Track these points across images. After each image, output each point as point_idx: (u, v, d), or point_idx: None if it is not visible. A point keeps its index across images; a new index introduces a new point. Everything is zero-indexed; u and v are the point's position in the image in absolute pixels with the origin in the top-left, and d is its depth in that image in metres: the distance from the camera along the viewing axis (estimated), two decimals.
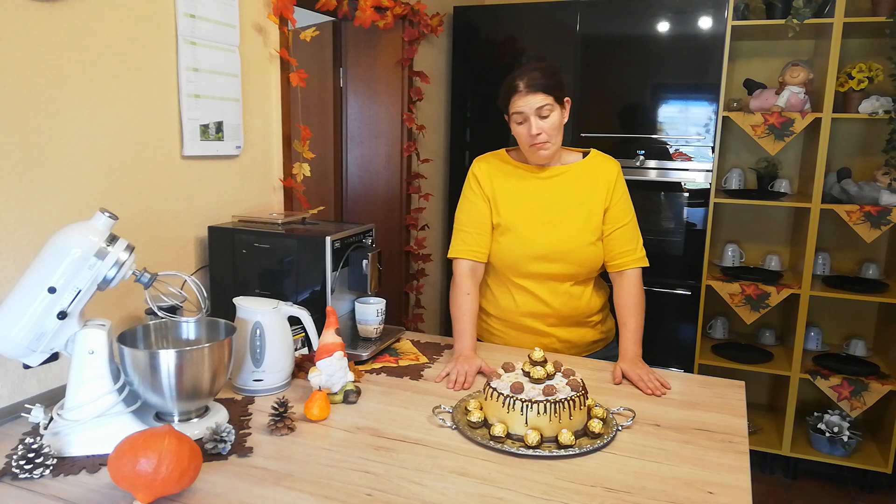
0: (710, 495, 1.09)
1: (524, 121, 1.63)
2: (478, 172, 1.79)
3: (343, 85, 3.06)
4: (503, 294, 1.82)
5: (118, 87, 1.54)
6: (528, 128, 1.62)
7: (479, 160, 1.82)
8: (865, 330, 3.14)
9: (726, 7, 2.73)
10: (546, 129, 1.62)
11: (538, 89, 1.59)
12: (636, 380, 1.55)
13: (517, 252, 1.73)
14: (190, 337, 1.39)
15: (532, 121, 1.61)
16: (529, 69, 1.63)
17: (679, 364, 3.01)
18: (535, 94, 1.59)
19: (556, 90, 1.62)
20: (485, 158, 1.82)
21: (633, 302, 1.71)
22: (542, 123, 1.62)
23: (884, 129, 2.75)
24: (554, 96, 1.61)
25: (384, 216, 3.07)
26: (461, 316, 1.73)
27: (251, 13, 1.95)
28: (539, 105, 1.59)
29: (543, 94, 1.60)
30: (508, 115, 1.67)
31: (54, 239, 1.16)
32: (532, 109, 1.60)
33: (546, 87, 1.60)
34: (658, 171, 2.94)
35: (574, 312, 1.78)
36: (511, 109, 1.64)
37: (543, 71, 1.62)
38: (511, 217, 1.74)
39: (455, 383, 1.53)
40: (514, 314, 1.80)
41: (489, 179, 1.77)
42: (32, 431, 1.26)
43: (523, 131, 1.64)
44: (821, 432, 2.88)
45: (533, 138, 1.63)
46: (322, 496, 1.06)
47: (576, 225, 1.71)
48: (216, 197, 1.88)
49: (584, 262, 1.73)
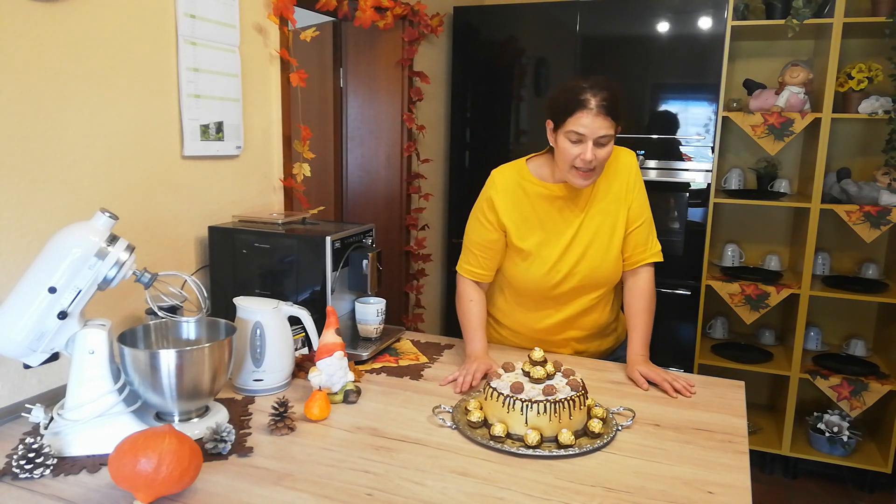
0: (710, 495, 1.09)
1: (580, 141, 1.47)
2: (495, 197, 1.64)
3: (343, 85, 3.07)
4: (523, 312, 1.74)
5: (118, 87, 1.54)
6: (583, 151, 1.46)
7: (499, 175, 1.67)
8: (865, 330, 3.14)
9: (726, 7, 2.73)
10: (600, 158, 1.48)
11: (609, 112, 1.45)
12: (660, 381, 1.53)
13: (541, 277, 1.64)
14: (190, 337, 1.39)
15: (589, 146, 1.46)
16: (599, 87, 1.46)
17: (679, 364, 3.01)
18: (604, 119, 1.45)
19: (619, 119, 1.49)
20: (504, 174, 1.66)
21: (645, 304, 1.67)
22: (599, 151, 1.47)
23: (883, 130, 2.75)
24: (617, 124, 1.49)
25: (384, 216, 3.07)
26: (469, 320, 1.69)
27: (251, 13, 1.95)
28: (603, 133, 1.45)
29: (612, 120, 1.46)
30: (559, 126, 1.50)
31: (54, 239, 1.16)
32: (595, 135, 1.45)
33: (615, 114, 1.47)
34: (658, 171, 2.94)
35: (594, 325, 1.74)
36: (569, 125, 1.47)
37: (615, 93, 1.47)
38: (534, 243, 1.63)
39: (462, 385, 1.50)
40: (531, 330, 1.75)
41: (507, 204, 1.63)
42: (33, 431, 1.26)
43: (574, 152, 1.48)
44: (820, 432, 2.88)
45: (584, 163, 1.48)
46: (322, 496, 1.06)
47: (602, 241, 1.62)
48: (216, 197, 1.88)
49: (611, 276, 1.66)
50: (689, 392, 1.51)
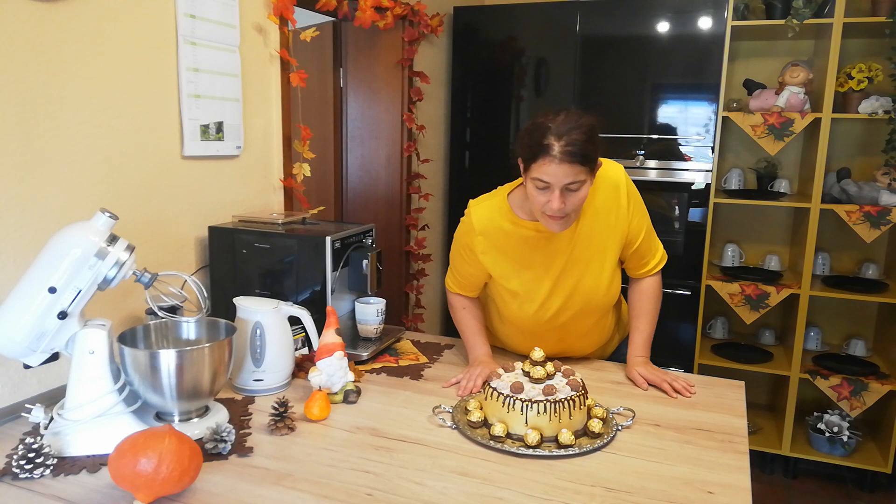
0: (710, 495, 1.09)
1: (546, 188, 1.33)
2: (474, 238, 1.53)
3: (343, 85, 3.06)
4: (519, 337, 1.70)
5: (118, 88, 1.54)
6: (550, 200, 1.33)
7: (476, 214, 1.53)
8: (865, 330, 3.14)
9: (726, 7, 2.73)
10: (572, 204, 1.34)
11: (575, 160, 1.28)
12: (659, 383, 1.53)
13: (532, 314, 1.57)
14: (190, 337, 1.39)
15: (556, 194, 1.32)
16: (567, 125, 1.29)
17: (679, 364, 3.01)
18: (570, 166, 1.29)
19: (593, 160, 1.33)
20: (482, 214, 1.53)
21: (649, 306, 1.64)
22: (570, 197, 1.34)
23: (883, 130, 2.75)
24: (589, 167, 1.32)
25: (384, 216, 3.07)
26: (468, 327, 1.68)
27: (251, 13, 1.95)
28: (571, 181, 1.31)
29: (580, 165, 1.29)
30: (525, 169, 1.37)
31: (54, 239, 1.16)
32: (561, 183, 1.31)
33: (584, 157, 1.29)
34: (658, 172, 2.94)
35: (595, 344, 1.73)
36: (533, 172, 1.33)
37: (584, 133, 1.29)
38: (520, 283, 1.54)
39: (464, 390, 1.49)
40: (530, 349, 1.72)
41: (487, 247, 1.53)
42: (33, 431, 1.26)
43: (541, 199, 1.35)
44: (820, 432, 2.88)
45: (553, 211, 1.35)
46: (322, 496, 1.06)
47: (594, 270, 1.53)
48: (216, 197, 1.88)
49: (607, 301, 1.59)
50: (689, 392, 1.51)
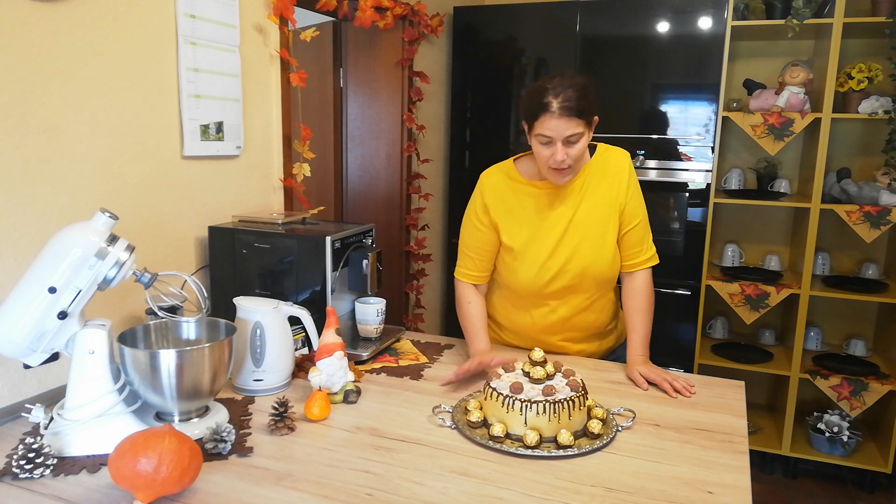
0: (710, 495, 1.09)
1: (549, 143, 1.49)
2: (485, 195, 1.68)
3: (343, 85, 3.07)
4: (518, 312, 1.75)
5: (118, 88, 1.54)
6: (553, 152, 1.49)
7: (486, 176, 1.71)
8: (865, 330, 3.14)
9: (726, 7, 2.73)
10: (573, 155, 1.50)
11: (572, 113, 1.45)
12: (659, 382, 1.53)
13: (532, 276, 1.65)
14: (190, 337, 1.39)
15: (558, 147, 1.48)
16: (563, 85, 1.46)
17: (679, 364, 3.01)
18: (568, 119, 1.45)
19: (589, 113, 1.49)
20: (492, 175, 1.70)
21: (643, 304, 1.67)
22: (570, 150, 1.49)
23: (883, 130, 2.75)
24: (586, 121, 1.48)
25: (384, 216, 3.08)
26: (471, 322, 1.70)
27: (251, 13, 1.95)
28: (570, 133, 1.47)
29: (577, 118, 1.46)
30: (529, 129, 1.54)
31: (54, 239, 1.16)
32: (562, 136, 1.47)
33: (580, 111, 1.46)
34: (658, 171, 2.94)
35: (593, 325, 1.74)
36: (536, 129, 1.50)
37: (579, 91, 1.46)
38: (523, 241, 1.65)
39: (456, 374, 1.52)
40: (531, 330, 1.75)
41: (497, 203, 1.67)
42: (33, 431, 1.26)
43: (546, 153, 1.51)
44: (820, 432, 2.88)
45: (557, 163, 1.51)
46: (322, 496, 1.06)
47: (594, 238, 1.63)
48: (216, 197, 1.88)
49: (605, 274, 1.66)
50: (689, 392, 1.51)
